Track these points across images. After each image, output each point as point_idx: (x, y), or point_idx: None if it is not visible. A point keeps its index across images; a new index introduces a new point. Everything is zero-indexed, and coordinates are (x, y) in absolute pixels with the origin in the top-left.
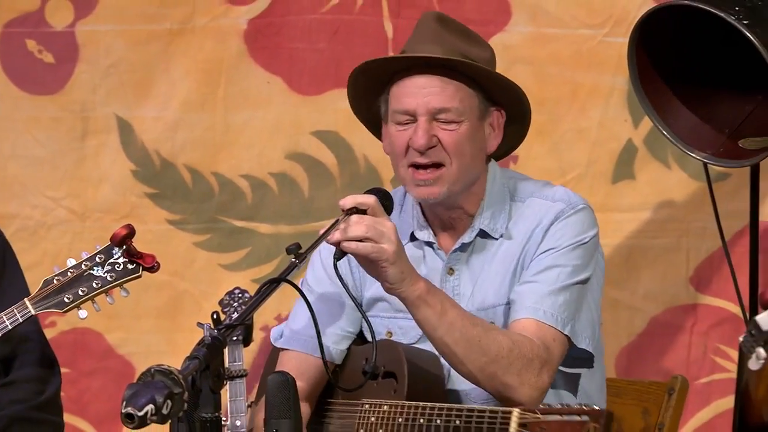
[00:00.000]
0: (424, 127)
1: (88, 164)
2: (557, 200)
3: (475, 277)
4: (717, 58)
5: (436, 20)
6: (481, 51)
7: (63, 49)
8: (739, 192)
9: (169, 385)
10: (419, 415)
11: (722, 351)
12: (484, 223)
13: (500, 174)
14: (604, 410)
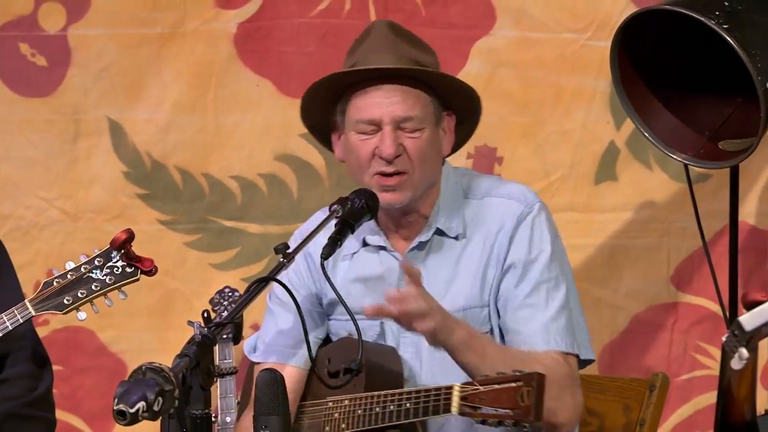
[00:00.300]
0: (391, 137)
1: (80, 166)
2: (513, 198)
3: (434, 276)
4: (697, 62)
5: (388, 28)
6: (430, 57)
7: (55, 52)
8: (719, 193)
9: (160, 382)
10: (375, 404)
11: (702, 348)
12: (440, 221)
13: (453, 173)
14: (535, 373)
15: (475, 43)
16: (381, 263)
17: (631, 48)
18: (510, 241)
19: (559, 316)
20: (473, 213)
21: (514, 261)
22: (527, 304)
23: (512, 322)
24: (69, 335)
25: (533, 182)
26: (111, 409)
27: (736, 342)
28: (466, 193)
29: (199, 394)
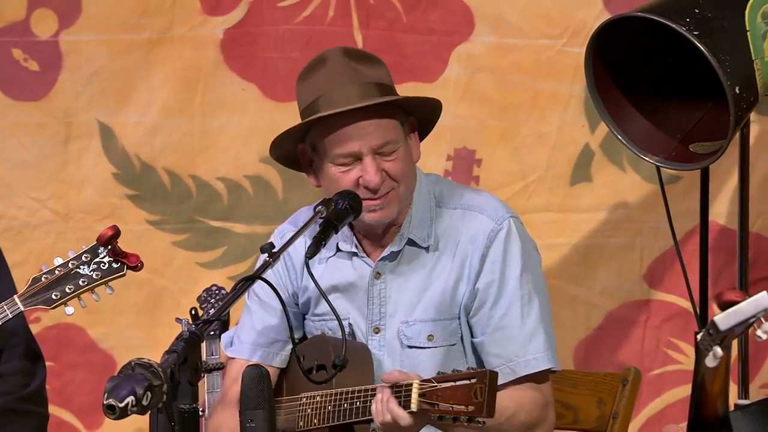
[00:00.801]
0: (374, 166)
1: (71, 167)
2: (484, 213)
3: (405, 285)
4: (669, 67)
5: (344, 55)
6: (382, 69)
7: (47, 57)
8: (689, 194)
9: (148, 377)
10: (343, 400)
11: (674, 344)
12: (412, 232)
13: (425, 180)
14: (487, 370)
15: (454, 48)
16: (354, 269)
17: (605, 54)
18: (482, 261)
19: (536, 332)
20: (445, 223)
21: (487, 282)
22: (503, 326)
23: (490, 345)
24: (60, 332)
25: (511, 183)
26: (101, 403)
27: (710, 341)
28: (439, 202)
29: (186, 389)
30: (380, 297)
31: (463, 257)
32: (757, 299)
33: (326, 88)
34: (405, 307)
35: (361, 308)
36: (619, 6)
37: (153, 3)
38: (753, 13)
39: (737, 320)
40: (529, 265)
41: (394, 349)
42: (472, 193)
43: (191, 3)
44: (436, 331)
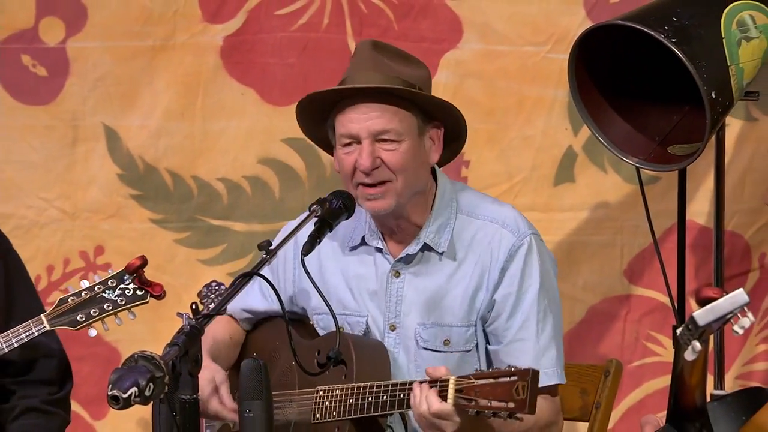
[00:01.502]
0: (368, 150)
1: (78, 168)
2: (506, 227)
3: (421, 287)
4: (648, 73)
5: (373, 48)
6: (418, 71)
7: (55, 63)
8: (668, 194)
9: (151, 369)
10: (367, 394)
11: (653, 337)
12: (429, 237)
13: (450, 188)
14: (530, 369)
15: (443, 55)
16: (376, 264)
17: (588, 60)
18: (501, 273)
19: (550, 347)
20: (465, 232)
21: (505, 294)
22: (519, 338)
23: (505, 355)
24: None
25: (497, 184)
26: (105, 394)
27: (689, 335)
28: (460, 208)
29: (187, 380)
30: (397, 295)
31: (483, 268)
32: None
33: (350, 73)
34: (421, 309)
35: (379, 304)
36: (600, 14)
37: (156, 11)
38: (728, 21)
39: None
40: (547, 282)
41: (409, 348)
42: (496, 206)
43: (192, 12)
44: (453, 337)
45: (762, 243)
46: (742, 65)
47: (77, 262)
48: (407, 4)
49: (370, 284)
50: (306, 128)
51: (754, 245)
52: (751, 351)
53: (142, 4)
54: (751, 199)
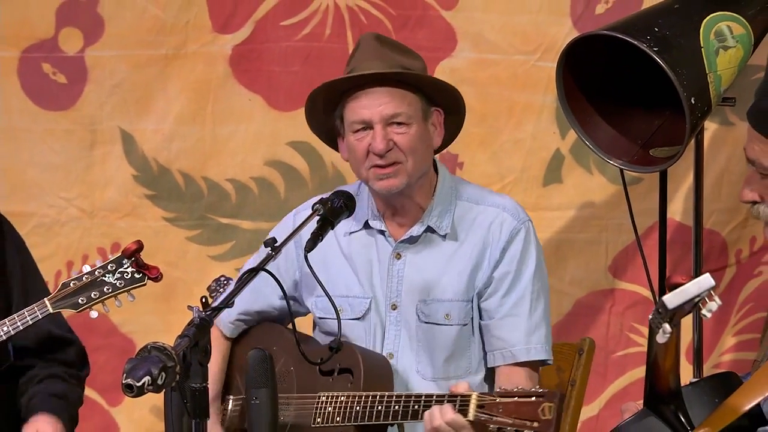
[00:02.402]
0: (381, 134)
1: (95, 170)
2: (507, 211)
3: (422, 266)
4: (631, 80)
5: (375, 39)
6: (416, 61)
7: (74, 71)
8: (650, 194)
9: (163, 359)
10: (377, 403)
11: (636, 328)
12: (432, 220)
13: (449, 177)
14: (558, 392)
15: (439, 63)
16: (377, 246)
17: (574, 68)
18: (502, 253)
19: (540, 325)
20: (466, 215)
21: (503, 272)
22: (512, 314)
23: (497, 328)
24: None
25: (489, 185)
26: (121, 382)
27: (660, 319)
28: (460, 195)
29: (197, 369)
30: (398, 276)
31: (484, 246)
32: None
33: (354, 64)
34: (423, 287)
35: (381, 284)
36: (586, 25)
37: (169, 22)
38: (707, 31)
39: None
40: (541, 267)
41: (410, 324)
42: (495, 194)
43: (203, 22)
44: (453, 311)
45: (738, 240)
46: (720, 73)
47: (95, 257)
48: (405, 15)
49: (372, 266)
50: (314, 120)
51: (731, 242)
52: (726, 342)
53: (156, 15)
54: (728, 199)
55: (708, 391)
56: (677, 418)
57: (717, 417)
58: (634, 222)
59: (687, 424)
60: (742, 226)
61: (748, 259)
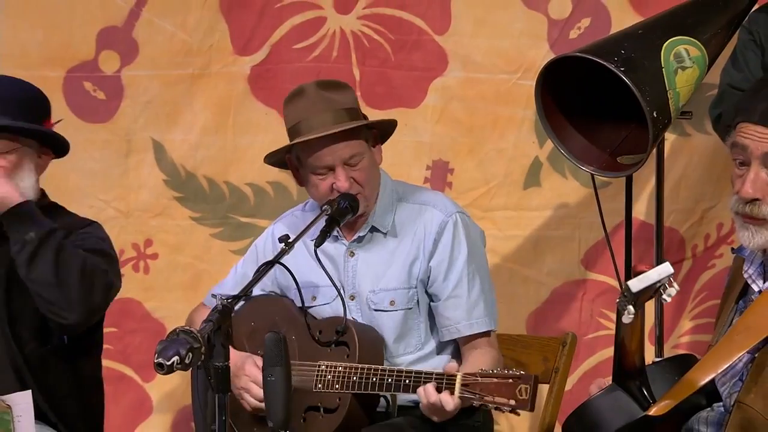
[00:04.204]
0: (344, 175)
1: (130, 175)
2: (437, 207)
3: (371, 261)
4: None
5: (316, 87)
6: (349, 93)
7: (112, 88)
8: (617, 196)
9: (190, 341)
10: (372, 375)
11: (605, 314)
12: (376, 221)
13: (390, 182)
14: (532, 375)
15: (432, 81)
16: (336, 249)
17: (551, 85)
18: (434, 244)
19: (479, 301)
20: (404, 214)
21: (438, 261)
22: (453, 295)
23: (443, 309)
24: (122, 305)
25: (477, 188)
26: (153, 361)
27: (625, 301)
28: (400, 198)
29: (220, 350)
30: (353, 271)
31: (419, 241)
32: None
33: (305, 115)
34: (371, 279)
35: (341, 279)
36: (561, 48)
37: (195, 46)
38: (666, 53)
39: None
40: (474, 250)
41: (365, 312)
42: (428, 193)
43: (225, 46)
44: (397, 298)
45: (694, 236)
46: (679, 90)
47: (130, 252)
48: (402, 39)
49: (333, 264)
50: (270, 158)
51: (688, 238)
52: (684, 326)
53: (184, 40)
54: (685, 201)
55: (669, 369)
56: (641, 392)
57: (676, 391)
58: (603, 221)
59: (650, 397)
60: (698, 225)
61: (702, 253)
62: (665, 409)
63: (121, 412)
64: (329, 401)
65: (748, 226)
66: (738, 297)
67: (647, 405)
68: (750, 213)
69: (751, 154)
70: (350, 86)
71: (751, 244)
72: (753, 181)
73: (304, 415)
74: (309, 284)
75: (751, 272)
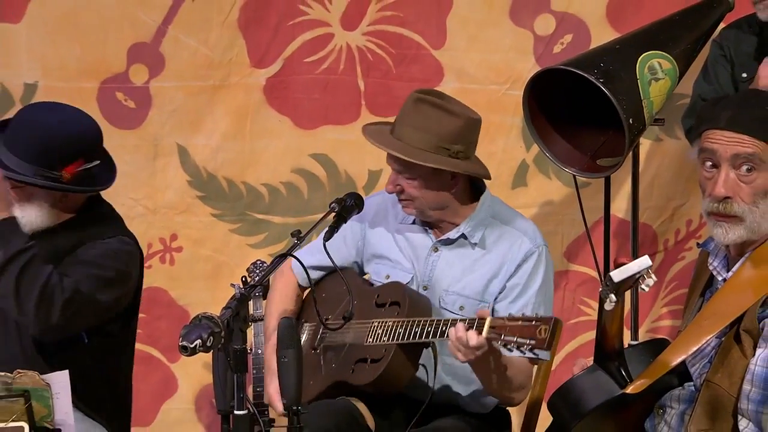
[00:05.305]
0: (392, 179)
1: (158, 176)
2: (527, 236)
3: (451, 262)
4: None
5: (414, 102)
6: (452, 123)
7: (141, 98)
8: (596, 194)
9: (211, 326)
10: (414, 325)
11: (585, 301)
12: (467, 230)
13: (490, 200)
14: (553, 317)
15: None
16: (421, 238)
17: (537, 95)
18: (516, 268)
19: None
20: (496, 232)
21: (514, 283)
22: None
23: None
24: (150, 293)
25: None
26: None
27: (607, 290)
28: (494, 215)
29: (238, 334)
30: (432, 265)
31: (503, 261)
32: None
33: (396, 122)
34: (447, 280)
35: (418, 268)
36: (546, 61)
37: (216, 59)
38: (641, 66)
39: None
40: (546, 284)
41: (434, 305)
42: (522, 220)
43: (243, 60)
44: (467, 305)
45: (666, 232)
46: (652, 99)
47: (157, 245)
48: (402, 53)
49: (416, 251)
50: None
51: (660, 233)
52: (657, 312)
53: (206, 54)
54: (657, 199)
55: (644, 352)
56: (620, 372)
57: (651, 371)
58: (584, 217)
59: (627, 376)
60: (669, 221)
61: (673, 247)
62: (641, 387)
63: (150, 389)
64: (376, 352)
65: (722, 224)
66: (704, 287)
67: (625, 384)
68: (723, 211)
69: (720, 157)
70: (466, 121)
71: (725, 240)
72: (724, 181)
73: (353, 366)
74: (385, 261)
75: (715, 264)
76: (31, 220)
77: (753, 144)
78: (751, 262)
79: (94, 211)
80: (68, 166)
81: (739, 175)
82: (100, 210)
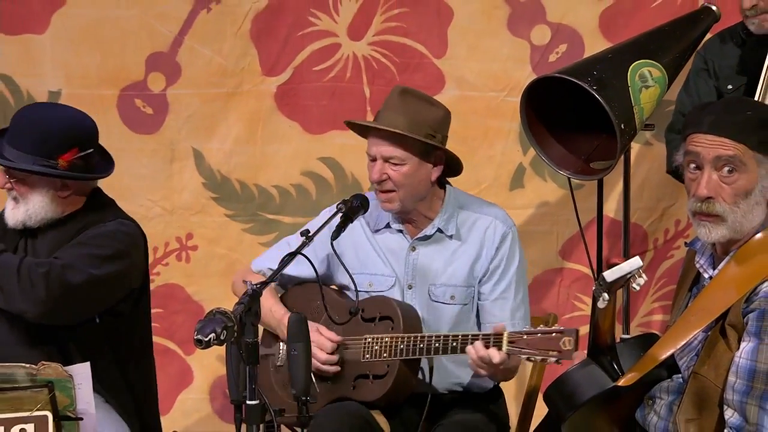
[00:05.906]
0: (378, 167)
1: (174, 179)
2: (499, 219)
3: (431, 258)
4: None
5: (399, 93)
6: (435, 112)
7: (158, 105)
8: (590, 196)
9: (225, 320)
10: (419, 342)
11: (579, 297)
12: (441, 224)
13: (454, 192)
14: (575, 329)
15: None
16: (398, 241)
17: (533, 102)
18: (496, 251)
19: (521, 306)
20: (467, 221)
21: (496, 264)
22: (501, 297)
23: (490, 307)
24: (167, 289)
25: (470, 189)
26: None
27: (601, 289)
28: (461, 206)
29: (250, 328)
30: (413, 264)
31: (481, 245)
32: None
33: (387, 108)
34: (432, 274)
35: (400, 270)
36: (542, 69)
37: (230, 68)
38: (633, 74)
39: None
40: (522, 263)
41: (423, 301)
42: (488, 205)
43: (255, 68)
44: (457, 293)
45: (655, 231)
46: (643, 106)
47: (174, 244)
48: (405, 62)
49: (394, 254)
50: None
51: (650, 233)
52: (647, 308)
53: (220, 63)
54: (648, 200)
55: (635, 346)
56: (612, 365)
57: (641, 364)
58: (578, 217)
59: (619, 370)
60: (659, 221)
61: (662, 246)
62: (632, 380)
63: (167, 380)
64: (378, 369)
65: (705, 224)
66: (691, 284)
67: (617, 377)
68: (706, 210)
69: (703, 159)
70: (445, 112)
71: (709, 239)
72: (707, 182)
73: (354, 383)
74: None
75: (702, 262)
76: (37, 211)
77: (734, 147)
78: (735, 260)
79: (95, 200)
80: (64, 155)
81: (721, 176)
82: (101, 200)
